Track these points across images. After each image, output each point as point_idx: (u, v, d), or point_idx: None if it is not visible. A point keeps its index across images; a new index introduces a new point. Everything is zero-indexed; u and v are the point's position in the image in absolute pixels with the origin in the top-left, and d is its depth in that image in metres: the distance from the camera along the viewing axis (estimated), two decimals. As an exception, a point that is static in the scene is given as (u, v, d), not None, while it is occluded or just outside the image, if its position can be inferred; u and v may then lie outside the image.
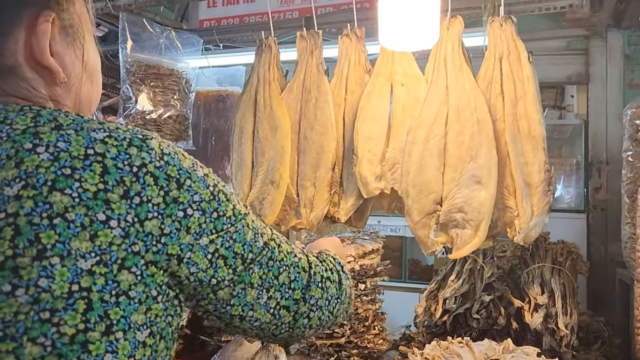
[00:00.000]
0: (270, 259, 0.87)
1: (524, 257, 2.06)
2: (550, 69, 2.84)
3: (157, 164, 0.74)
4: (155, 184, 0.73)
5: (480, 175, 1.76)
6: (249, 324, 0.87)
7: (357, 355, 1.98)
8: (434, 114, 1.85)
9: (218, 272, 0.80)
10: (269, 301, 0.87)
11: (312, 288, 0.93)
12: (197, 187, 0.77)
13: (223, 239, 0.80)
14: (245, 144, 2.11)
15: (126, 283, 0.69)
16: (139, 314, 0.71)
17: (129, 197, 0.70)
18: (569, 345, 1.80)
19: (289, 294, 0.90)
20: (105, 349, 0.66)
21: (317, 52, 2.08)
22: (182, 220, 0.75)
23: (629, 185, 2.12)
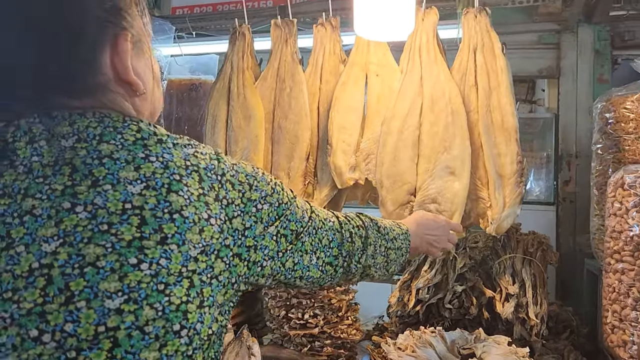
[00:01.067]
0: (314, 228, 1.05)
1: (495, 248, 2.08)
2: (522, 63, 2.87)
3: (231, 173, 0.89)
4: (233, 188, 0.88)
5: (454, 166, 1.76)
6: (305, 281, 1.06)
7: (330, 346, 1.98)
8: (408, 105, 1.85)
9: (280, 247, 0.96)
10: (318, 261, 1.06)
11: (344, 243, 1.14)
12: (261, 185, 0.93)
13: (281, 222, 0.96)
14: (219, 133, 2.08)
15: (218, 269, 0.83)
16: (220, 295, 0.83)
17: (219, 200, 0.85)
18: (538, 335, 1.83)
19: (329, 252, 1.09)
20: (197, 318, 0.79)
21: (291, 41, 2.06)
22: (257, 214, 0.90)
23: (598, 177, 2.15)
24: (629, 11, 2.68)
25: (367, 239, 1.21)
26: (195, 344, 0.80)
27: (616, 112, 2.06)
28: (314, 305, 1.97)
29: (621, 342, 1.70)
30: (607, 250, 1.83)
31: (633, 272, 1.66)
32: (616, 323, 1.74)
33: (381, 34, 1.80)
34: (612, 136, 2.07)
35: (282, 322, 2.02)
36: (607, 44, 2.79)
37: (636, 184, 1.68)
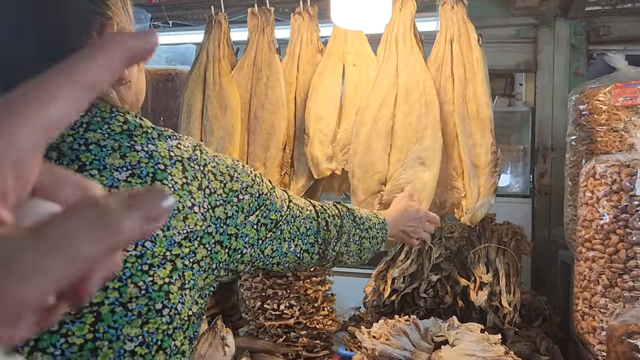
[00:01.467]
0: (292, 216, 1.09)
1: (471, 238, 2.10)
2: (500, 57, 2.89)
3: (213, 164, 0.92)
4: (215, 178, 0.91)
5: (425, 157, 1.77)
6: (282, 266, 1.11)
7: (306, 336, 1.98)
8: (382, 95, 1.85)
9: (260, 234, 1.00)
10: (295, 248, 1.11)
11: (320, 232, 1.18)
12: (242, 176, 0.97)
13: (262, 211, 1.00)
14: (194, 123, 2.06)
15: (200, 254, 0.86)
16: (201, 279, 0.88)
17: (202, 189, 0.87)
18: (511, 323, 1.85)
19: (306, 240, 1.13)
20: (179, 299, 0.83)
21: (268, 30, 2.05)
22: (238, 204, 0.94)
23: (571, 168, 2.19)
24: (604, 7, 2.71)
25: (342, 227, 1.25)
26: (175, 323, 0.84)
27: (589, 104, 2.09)
28: (290, 296, 1.97)
29: (591, 329, 1.73)
30: (578, 239, 1.86)
31: (603, 260, 1.69)
32: (586, 310, 1.77)
33: (358, 23, 1.79)
34: (585, 128, 2.10)
35: (258, 313, 2.02)
36: (583, 38, 2.82)
37: (607, 174, 1.71)
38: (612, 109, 2.02)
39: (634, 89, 1.98)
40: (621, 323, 1.49)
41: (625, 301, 1.63)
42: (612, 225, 1.67)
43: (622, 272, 1.65)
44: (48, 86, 0.26)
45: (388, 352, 1.58)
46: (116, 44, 0.28)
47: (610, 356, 1.52)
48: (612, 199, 1.68)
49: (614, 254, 1.66)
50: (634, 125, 1.96)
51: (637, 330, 1.44)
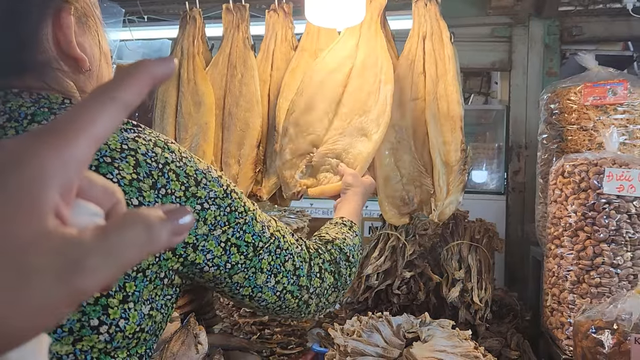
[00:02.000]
0: (277, 247, 0.97)
1: (444, 235, 2.12)
2: (475, 55, 2.92)
3: (178, 164, 0.83)
4: (177, 179, 0.82)
5: (368, 129, 1.73)
6: (257, 303, 0.98)
7: (280, 333, 1.98)
8: (336, 62, 1.80)
9: (231, 258, 0.90)
10: (276, 285, 0.97)
11: (312, 278, 1.03)
12: (212, 185, 0.88)
13: (234, 230, 0.90)
14: (168, 119, 2.04)
15: (146, 262, 0.79)
16: (147, 290, 0.80)
17: (156, 188, 0.80)
18: (482, 318, 1.87)
19: (294, 280, 1.00)
20: (120, 315, 0.76)
21: (243, 26, 2.03)
22: (200, 213, 0.85)
23: (542, 166, 2.22)
24: (576, 7, 2.76)
25: (340, 276, 1.12)
26: (117, 341, 0.77)
27: (560, 103, 2.13)
28: (264, 293, 1.97)
29: (559, 324, 1.76)
30: (548, 236, 1.90)
31: (571, 257, 1.72)
32: (555, 306, 1.80)
33: (332, 20, 1.79)
34: (556, 126, 2.14)
35: (232, 310, 2.02)
36: (557, 38, 2.86)
37: (575, 172, 1.74)
38: (582, 108, 2.05)
39: (603, 88, 2.02)
40: (587, 318, 1.52)
41: (592, 297, 1.67)
42: (579, 222, 1.71)
43: (590, 268, 1.68)
44: (93, 107, 0.32)
45: (360, 349, 1.59)
46: (143, 69, 0.34)
47: (577, 351, 1.55)
48: (580, 196, 1.71)
49: (582, 250, 1.70)
50: (603, 125, 2.00)
51: (602, 326, 1.47)
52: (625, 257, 1.65)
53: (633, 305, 1.47)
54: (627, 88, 2.00)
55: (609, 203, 1.66)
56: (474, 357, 1.50)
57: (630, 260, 1.65)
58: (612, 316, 1.48)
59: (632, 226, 1.65)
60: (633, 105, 2.01)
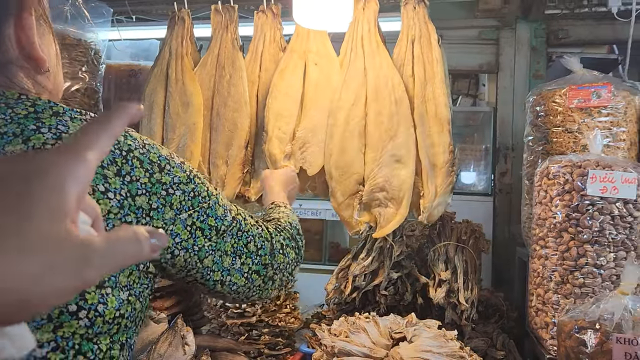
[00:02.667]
0: (239, 230, 1.02)
1: (431, 236, 2.14)
2: (463, 57, 2.94)
3: (141, 151, 0.86)
4: (141, 166, 0.85)
5: (400, 154, 1.79)
6: (228, 288, 1.03)
7: (268, 334, 1.98)
8: (353, 96, 1.87)
9: (197, 241, 0.93)
10: (242, 266, 1.03)
11: (276, 254, 1.10)
12: (175, 171, 0.90)
13: (199, 214, 0.93)
14: (156, 119, 2.04)
15: None
16: (124, 276, 0.82)
17: (121, 175, 0.82)
18: (468, 319, 1.89)
19: (258, 260, 1.06)
20: (99, 300, 0.78)
21: (232, 27, 2.04)
22: (166, 198, 0.88)
23: (528, 168, 2.24)
24: (562, 10, 2.79)
25: (300, 249, 1.21)
26: (97, 327, 0.78)
27: (546, 105, 2.15)
28: (252, 294, 1.97)
29: (544, 324, 1.78)
30: (533, 237, 1.92)
31: (555, 257, 1.74)
32: (540, 306, 1.82)
33: (319, 22, 1.80)
34: (541, 129, 2.16)
35: (220, 311, 2.02)
36: (543, 41, 2.90)
37: (560, 174, 1.76)
38: (567, 111, 2.08)
39: (588, 91, 2.05)
40: (570, 318, 1.54)
41: (576, 297, 1.69)
42: (564, 223, 1.73)
43: (574, 269, 1.70)
44: (98, 131, 0.43)
45: (347, 349, 1.60)
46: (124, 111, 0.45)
47: (560, 351, 1.57)
48: (565, 198, 1.74)
49: (566, 251, 1.72)
50: (587, 127, 2.03)
51: (585, 326, 1.49)
52: (608, 257, 1.67)
53: (615, 305, 1.50)
54: (611, 91, 2.03)
55: (593, 204, 1.68)
56: (459, 357, 1.51)
57: (613, 261, 1.67)
58: (594, 316, 1.50)
59: (615, 227, 1.67)
60: (617, 108, 2.04)
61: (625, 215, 1.68)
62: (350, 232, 1.93)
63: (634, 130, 2.08)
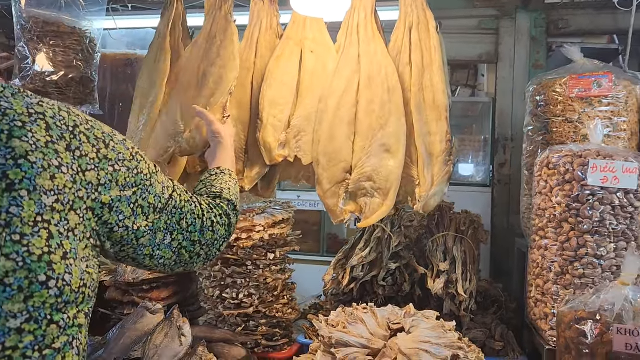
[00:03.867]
0: (174, 207, 1.06)
1: (430, 227, 2.12)
2: (462, 47, 2.91)
3: (86, 126, 0.89)
4: (88, 141, 0.88)
5: (390, 144, 1.77)
6: (155, 261, 1.06)
7: (265, 325, 1.97)
8: (345, 83, 1.84)
9: (137, 219, 0.97)
10: (172, 242, 1.06)
11: (205, 232, 1.14)
12: (119, 147, 0.94)
13: (141, 191, 0.97)
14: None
15: (73, 222, 0.85)
16: (80, 248, 0.86)
17: (71, 150, 0.85)
18: (467, 310, 1.88)
19: (187, 236, 1.09)
20: (65, 270, 0.81)
21: (226, 7, 1.94)
22: (113, 174, 0.91)
23: (528, 158, 2.22)
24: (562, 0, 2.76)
25: (230, 226, 1.24)
26: (66, 295, 0.81)
27: (546, 95, 2.13)
28: (249, 285, 1.95)
29: (543, 315, 1.77)
30: (533, 227, 1.90)
31: (555, 248, 1.73)
32: (539, 297, 1.81)
33: (317, 10, 1.78)
34: (541, 118, 2.14)
35: (217, 302, 2.00)
36: (543, 31, 2.86)
37: (560, 164, 1.74)
38: (568, 100, 2.06)
39: (588, 80, 2.02)
40: (570, 309, 1.53)
41: (576, 288, 1.68)
42: (564, 214, 1.71)
43: (573, 259, 1.69)
44: None
45: (345, 340, 1.58)
46: None
47: (560, 342, 1.56)
48: (565, 188, 1.72)
49: (566, 242, 1.70)
50: (588, 117, 2.01)
51: (585, 316, 1.48)
52: (608, 248, 1.66)
53: (616, 296, 1.48)
54: (612, 80, 2.01)
55: (593, 194, 1.66)
56: (458, 347, 1.50)
57: (613, 252, 1.66)
58: (595, 307, 1.48)
59: (615, 218, 1.66)
60: (618, 98, 2.02)
61: (626, 205, 1.66)
62: (335, 221, 1.89)
63: (635, 120, 2.06)
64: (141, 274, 2.01)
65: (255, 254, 1.94)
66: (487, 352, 1.82)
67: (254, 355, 1.91)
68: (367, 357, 1.52)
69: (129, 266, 2.06)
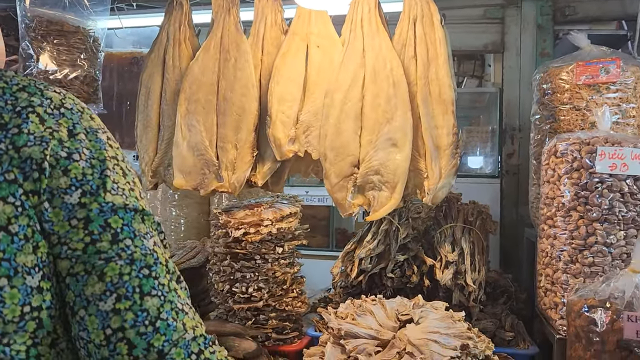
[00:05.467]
0: (146, 267, 0.73)
1: (437, 218, 2.12)
2: (467, 37, 2.89)
3: (49, 111, 0.74)
4: (40, 123, 0.72)
5: (396, 138, 1.77)
6: (76, 328, 0.71)
7: (275, 319, 1.98)
8: (350, 77, 1.84)
9: (70, 234, 0.70)
10: (111, 315, 0.69)
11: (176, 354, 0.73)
12: (90, 144, 0.75)
13: (100, 207, 0.72)
14: (152, 106, 2.02)
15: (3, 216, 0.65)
16: (26, 254, 0.66)
17: (6, 129, 0.70)
18: (476, 300, 1.87)
19: (144, 329, 0.70)
20: None
21: (234, 10, 1.99)
22: (62, 161, 0.71)
23: (536, 147, 2.21)
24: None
25: None
26: None
27: (553, 83, 2.11)
28: (258, 279, 1.96)
29: (553, 304, 1.76)
30: (541, 216, 1.89)
31: (564, 237, 1.72)
32: (548, 286, 1.80)
33: (319, 2, 1.77)
34: (549, 107, 2.12)
35: (227, 296, 2.01)
36: (549, 18, 2.84)
37: (567, 152, 1.73)
38: (575, 88, 2.04)
39: (596, 67, 2.00)
40: (580, 298, 1.52)
41: (586, 277, 1.67)
42: (572, 202, 1.70)
43: (583, 248, 1.68)
44: None
45: (354, 332, 1.59)
46: None
47: (570, 330, 1.56)
48: (573, 176, 1.71)
49: (575, 230, 1.69)
50: (596, 104, 1.99)
51: (595, 304, 1.47)
52: (618, 235, 1.64)
53: (626, 283, 1.47)
54: (620, 66, 1.99)
55: (602, 182, 1.65)
56: (467, 337, 1.50)
57: (623, 239, 1.65)
58: (605, 295, 1.48)
59: (624, 205, 1.64)
60: (626, 84, 2.00)
61: (635, 192, 1.65)
62: (343, 215, 1.91)
63: (644, 106, 2.04)
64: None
65: (263, 248, 1.95)
66: (497, 342, 1.81)
67: (265, 348, 1.92)
68: (376, 348, 1.52)
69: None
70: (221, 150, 1.98)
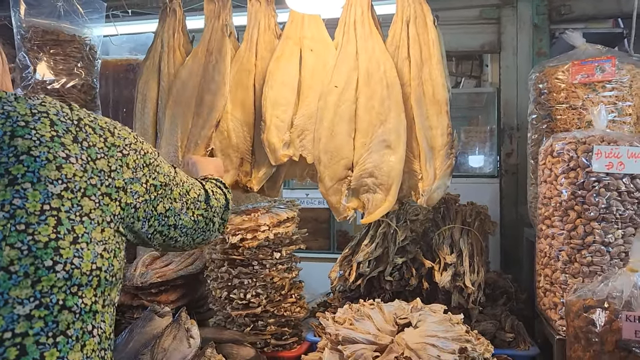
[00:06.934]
0: (180, 180, 1.19)
1: (435, 220, 2.11)
2: (464, 38, 2.89)
3: (89, 119, 0.97)
4: (94, 132, 0.96)
5: (390, 140, 1.77)
6: (180, 231, 1.18)
7: (274, 324, 1.97)
8: (344, 80, 1.84)
9: (151, 195, 1.07)
10: (188, 212, 1.19)
11: (211, 199, 1.28)
12: (124, 133, 1.03)
13: (150, 171, 1.07)
14: (149, 113, 2.02)
15: (87, 207, 0.90)
16: (97, 232, 0.92)
17: (78, 142, 0.92)
18: (475, 302, 1.86)
19: (199, 205, 1.23)
20: (74, 254, 0.86)
21: (224, 15, 1.99)
22: (122, 159, 0.99)
23: (533, 147, 2.20)
24: (563, -14, 2.73)
25: (227, 198, 1.38)
26: (76, 278, 0.86)
27: (549, 82, 2.10)
28: (256, 285, 1.95)
29: (552, 305, 1.75)
30: (539, 216, 1.88)
31: (562, 236, 1.71)
32: (548, 286, 1.79)
33: (312, 6, 1.77)
34: (545, 106, 2.11)
35: (225, 303, 2.00)
36: (545, 18, 2.83)
37: (564, 151, 1.72)
38: (571, 87, 2.03)
39: (591, 66, 2.00)
40: (578, 298, 1.51)
41: (584, 276, 1.66)
42: (570, 201, 1.69)
43: (581, 247, 1.67)
44: None
45: (351, 337, 1.58)
46: None
47: (569, 331, 1.54)
48: (570, 175, 1.70)
49: (573, 230, 1.68)
50: (592, 103, 1.98)
51: (593, 304, 1.46)
52: (616, 234, 1.63)
53: (624, 282, 1.46)
54: (615, 65, 1.98)
55: (599, 181, 1.64)
56: (465, 340, 1.49)
57: (621, 238, 1.63)
58: (603, 294, 1.46)
59: (622, 203, 1.63)
60: (622, 82, 1.99)
61: (632, 190, 1.64)
62: (338, 218, 1.91)
63: (640, 103, 2.03)
64: (149, 278, 2.03)
65: (260, 253, 1.94)
66: (497, 343, 1.80)
67: (264, 354, 1.91)
68: (374, 353, 1.51)
69: (137, 270, 2.08)
70: (187, 150, 1.98)
